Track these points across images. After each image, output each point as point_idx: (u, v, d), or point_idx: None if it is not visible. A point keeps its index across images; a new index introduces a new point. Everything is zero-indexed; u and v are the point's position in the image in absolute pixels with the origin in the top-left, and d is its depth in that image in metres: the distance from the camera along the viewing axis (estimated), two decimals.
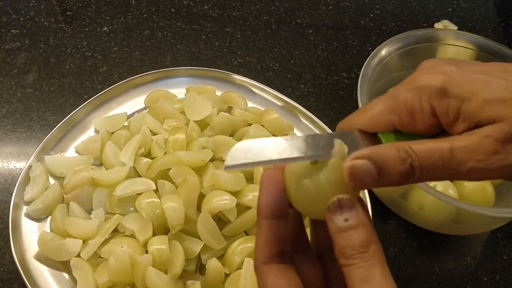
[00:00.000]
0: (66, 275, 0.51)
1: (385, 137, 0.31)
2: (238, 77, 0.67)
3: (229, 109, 0.64)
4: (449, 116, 0.28)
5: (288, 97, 0.66)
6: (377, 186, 0.28)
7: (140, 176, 0.55)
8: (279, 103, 0.67)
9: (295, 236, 0.31)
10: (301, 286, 0.29)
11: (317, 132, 0.64)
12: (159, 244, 0.49)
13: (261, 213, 0.29)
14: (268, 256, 0.29)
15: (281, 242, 0.29)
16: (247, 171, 0.56)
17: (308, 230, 0.33)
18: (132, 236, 0.51)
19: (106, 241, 0.51)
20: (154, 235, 0.50)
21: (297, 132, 0.64)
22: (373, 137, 0.31)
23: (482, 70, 0.29)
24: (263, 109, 0.65)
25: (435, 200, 0.52)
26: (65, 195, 0.55)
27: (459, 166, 0.27)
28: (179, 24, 0.77)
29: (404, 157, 0.27)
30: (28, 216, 0.54)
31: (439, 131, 0.31)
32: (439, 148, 0.27)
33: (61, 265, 0.51)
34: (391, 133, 0.31)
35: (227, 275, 0.50)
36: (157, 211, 0.50)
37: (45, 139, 0.58)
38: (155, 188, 0.53)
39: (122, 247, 0.49)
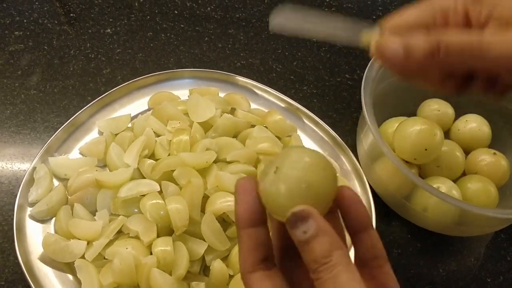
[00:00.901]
0: (70, 277, 0.51)
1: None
2: (241, 79, 0.68)
3: (232, 111, 0.64)
4: (481, 17, 0.30)
5: (291, 98, 0.66)
6: (403, 67, 0.30)
7: (144, 178, 0.55)
8: (282, 105, 0.67)
9: (284, 243, 0.31)
10: None
11: (321, 134, 0.64)
12: (163, 246, 0.49)
13: (239, 223, 0.29)
14: (252, 265, 0.29)
15: (263, 249, 0.29)
16: (250, 172, 0.56)
17: None
18: (137, 237, 0.51)
19: (110, 243, 0.51)
20: (158, 236, 0.51)
21: (300, 134, 0.64)
22: None
23: None
24: (266, 110, 0.65)
25: (439, 202, 0.52)
26: (69, 197, 0.55)
27: (488, 51, 0.29)
28: (182, 26, 0.78)
29: (432, 39, 0.29)
30: (33, 217, 0.54)
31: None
32: (467, 36, 0.29)
33: (66, 267, 0.51)
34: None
35: (231, 277, 0.51)
36: (161, 212, 0.50)
37: (49, 140, 0.58)
38: (159, 189, 0.53)
39: (126, 248, 0.49)
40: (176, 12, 0.79)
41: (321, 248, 0.26)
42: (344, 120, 0.69)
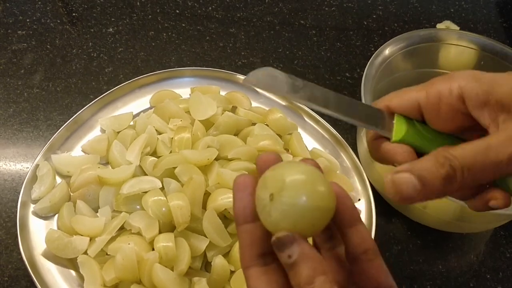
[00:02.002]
0: (73, 272, 0.51)
1: (398, 119, 0.32)
2: (242, 77, 0.68)
3: (233, 109, 0.65)
4: (478, 98, 0.29)
5: None
6: (423, 197, 0.28)
7: (146, 175, 0.56)
8: (283, 103, 0.67)
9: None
10: (284, 286, 0.28)
11: (322, 132, 0.65)
12: (165, 242, 0.49)
13: (237, 221, 0.30)
14: (249, 260, 0.29)
15: (259, 244, 0.29)
16: (251, 169, 0.56)
17: None
18: (139, 233, 0.51)
19: (112, 239, 0.51)
20: (160, 232, 0.51)
21: (301, 132, 0.64)
22: (390, 113, 0.33)
23: None
24: (267, 108, 0.66)
25: (439, 199, 0.52)
26: (72, 194, 0.55)
27: (499, 155, 0.27)
28: (183, 25, 0.78)
29: (442, 161, 0.27)
30: (36, 214, 0.54)
31: (460, 126, 0.32)
32: (476, 146, 0.28)
33: (68, 263, 0.52)
34: (404, 122, 0.32)
35: (232, 272, 0.51)
36: (163, 209, 0.51)
37: (52, 138, 0.59)
38: (161, 186, 0.53)
39: (128, 244, 0.49)
40: (177, 11, 0.80)
41: (305, 273, 0.26)
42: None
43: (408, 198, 0.28)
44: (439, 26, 0.83)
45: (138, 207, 0.53)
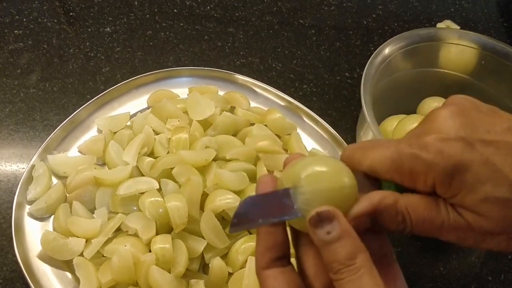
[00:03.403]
0: (69, 275, 0.51)
1: (386, 186, 0.31)
2: (240, 77, 0.67)
3: (232, 109, 0.64)
4: (447, 194, 0.29)
5: (290, 97, 0.66)
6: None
7: (143, 176, 0.55)
8: (282, 103, 0.67)
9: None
10: (301, 287, 0.29)
11: (321, 132, 0.64)
12: (162, 243, 0.49)
13: None
14: (268, 262, 0.29)
15: (280, 248, 0.29)
16: (249, 170, 0.56)
17: None
18: (135, 235, 0.51)
19: (109, 240, 0.51)
20: (157, 234, 0.50)
21: (300, 132, 0.64)
22: (374, 180, 0.31)
23: (494, 150, 0.28)
24: (265, 109, 0.65)
25: None
26: (68, 195, 0.55)
27: (441, 235, 0.29)
28: (181, 24, 0.78)
29: (400, 221, 0.29)
30: (31, 215, 0.54)
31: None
32: (432, 221, 0.29)
33: (64, 265, 0.51)
34: (392, 184, 0.31)
35: (230, 274, 0.50)
36: (160, 210, 0.50)
37: (48, 138, 0.58)
38: (158, 187, 0.52)
39: (125, 246, 0.49)
40: (175, 10, 0.79)
41: (346, 249, 0.26)
42: (343, 119, 0.69)
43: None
44: (439, 25, 0.82)
45: (135, 208, 0.52)
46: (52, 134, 0.58)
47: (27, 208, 0.54)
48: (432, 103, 0.64)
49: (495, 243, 0.29)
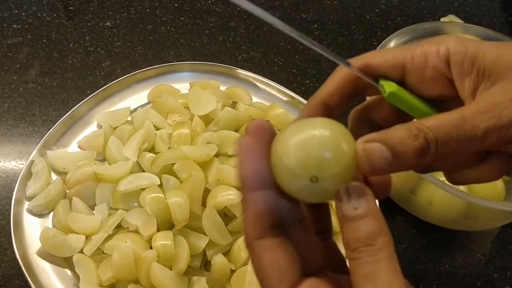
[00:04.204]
0: (68, 272, 0.50)
1: (386, 84, 0.29)
2: (242, 72, 0.67)
3: (233, 104, 0.63)
4: (463, 66, 0.28)
5: (293, 92, 0.66)
6: (395, 170, 0.26)
7: (144, 171, 0.54)
8: (284, 98, 0.66)
9: (286, 205, 0.28)
10: (299, 261, 0.26)
11: None
12: (163, 240, 0.48)
13: (246, 185, 0.26)
14: (262, 231, 0.26)
15: (273, 213, 0.26)
16: None
17: None
18: (136, 231, 0.50)
19: (109, 237, 0.50)
20: (158, 230, 0.50)
21: None
22: (373, 86, 0.30)
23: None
24: (268, 104, 0.64)
25: (445, 195, 0.51)
26: (67, 191, 0.54)
27: (474, 129, 0.26)
28: (182, 18, 0.77)
29: (416, 132, 0.26)
30: (30, 211, 0.53)
31: (444, 94, 0.30)
32: (450, 118, 0.26)
33: (64, 262, 0.50)
34: (390, 81, 0.29)
35: (233, 271, 0.50)
36: (162, 206, 0.50)
37: (47, 134, 0.57)
38: (159, 183, 0.52)
39: (126, 242, 0.48)
40: (176, 5, 0.78)
41: (368, 228, 0.24)
42: (346, 114, 0.67)
43: (379, 170, 0.26)
44: (443, 20, 0.81)
45: (135, 204, 0.52)
46: (51, 130, 0.58)
47: (26, 204, 0.53)
48: None
49: None
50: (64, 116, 0.59)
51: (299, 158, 0.25)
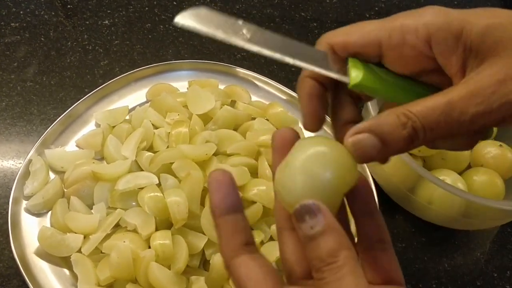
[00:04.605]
0: (66, 271, 0.50)
1: (352, 62, 0.29)
2: (241, 71, 0.66)
3: (232, 103, 0.63)
4: (447, 44, 0.27)
5: (292, 90, 0.65)
6: (385, 156, 0.27)
7: (142, 170, 0.54)
8: (284, 97, 0.65)
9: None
10: (274, 271, 0.27)
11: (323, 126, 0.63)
12: (162, 239, 0.48)
13: (215, 212, 0.28)
14: (234, 250, 0.27)
15: (243, 233, 0.28)
16: (251, 164, 0.54)
17: None
18: (134, 231, 0.50)
19: (107, 236, 0.50)
20: (157, 230, 0.49)
21: (302, 126, 0.63)
22: (343, 62, 0.30)
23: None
24: (267, 102, 0.64)
25: (444, 194, 0.51)
26: (65, 190, 0.54)
27: (461, 115, 0.25)
28: None
29: (404, 121, 0.26)
30: (28, 211, 0.53)
31: (422, 70, 0.29)
32: (437, 104, 0.26)
33: (62, 261, 0.50)
34: (358, 60, 0.29)
35: None
36: (160, 205, 0.49)
37: (46, 133, 0.57)
38: (157, 182, 0.52)
39: (124, 242, 0.48)
40: (175, 3, 0.78)
41: (328, 246, 0.25)
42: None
43: (370, 158, 0.27)
44: None
45: (134, 203, 0.51)
46: (49, 128, 0.57)
47: (24, 203, 0.53)
48: None
49: None
50: (62, 115, 0.59)
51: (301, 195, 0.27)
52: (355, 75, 0.29)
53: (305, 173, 0.27)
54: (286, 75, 0.71)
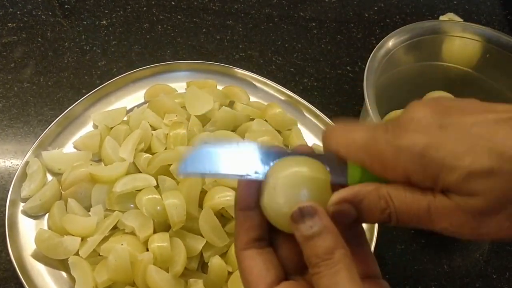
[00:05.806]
0: (64, 274, 0.50)
1: (352, 168, 0.30)
2: (240, 71, 0.66)
3: (231, 104, 0.63)
4: (425, 183, 0.27)
5: (291, 91, 0.65)
6: (359, 223, 0.31)
7: (140, 172, 0.54)
8: (282, 98, 0.65)
9: None
10: (278, 267, 0.30)
11: (322, 127, 0.63)
12: (160, 242, 0.48)
13: (237, 205, 0.31)
14: (246, 243, 0.31)
15: (257, 229, 0.31)
16: None
17: None
18: (132, 233, 0.49)
19: (105, 239, 0.50)
20: (154, 232, 0.49)
21: (301, 127, 0.63)
22: (345, 162, 0.31)
23: (473, 122, 0.26)
24: (265, 103, 0.64)
25: None
26: (63, 192, 0.54)
27: (433, 223, 0.27)
28: (179, 17, 0.76)
29: (384, 207, 0.28)
30: (25, 213, 0.52)
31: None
32: (417, 205, 0.27)
33: (59, 264, 0.50)
34: (359, 168, 0.30)
35: (230, 273, 0.49)
36: (158, 207, 0.49)
37: (43, 134, 0.57)
38: (155, 184, 0.51)
39: (122, 244, 0.48)
40: (173, 3, 0.78)
41: (325, 244, 0.27)
42: (345, 113, 0.67)
43: (344, 224, 0.29)
44: (442, 18, 0.81)
45: (131, 205, 0.51)
46: (46, 130, 0.57)
47: (21, 205, 0.52)
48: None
49: (496, 226, 0.26)
50: (60, 116, 0.58)
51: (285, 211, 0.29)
52: (353, 173, 0.31)
53: (286, 195, 0.29)
54: (285, 76, 0.71)
